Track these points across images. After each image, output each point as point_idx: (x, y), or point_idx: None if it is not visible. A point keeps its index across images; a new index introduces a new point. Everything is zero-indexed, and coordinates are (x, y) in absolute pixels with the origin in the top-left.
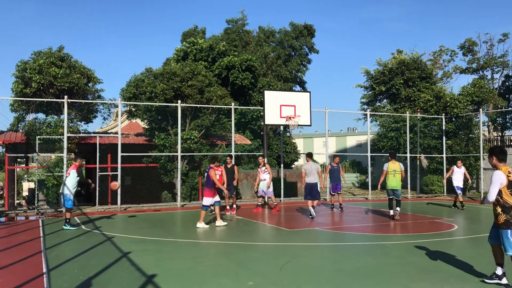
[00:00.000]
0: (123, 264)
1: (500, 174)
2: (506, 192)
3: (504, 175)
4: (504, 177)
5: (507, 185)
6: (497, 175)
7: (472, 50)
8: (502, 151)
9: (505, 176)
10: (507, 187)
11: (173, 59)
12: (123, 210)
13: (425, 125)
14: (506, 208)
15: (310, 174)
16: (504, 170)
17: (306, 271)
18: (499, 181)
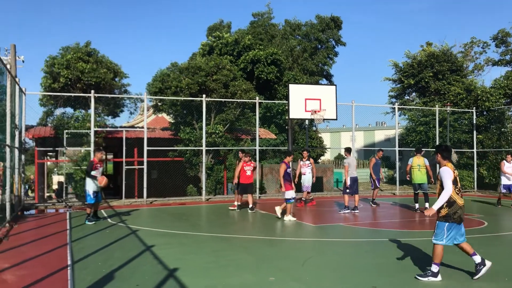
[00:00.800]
0: (146, 258)
1: (448, 169)
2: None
3: (451, 170)
4: (452, 172)
5: (452, 180)
6: (447, 170)
7: (505, 42)
8: (447, 149)
9: (452, 172)
10: (452, 183)
11: (199, 54)
12: (149, 203)
13: (455, 119)
14: (449, 203)
15: (353, 168)
16: (450, 166)
17: (328, 267)
18: (449, 175)
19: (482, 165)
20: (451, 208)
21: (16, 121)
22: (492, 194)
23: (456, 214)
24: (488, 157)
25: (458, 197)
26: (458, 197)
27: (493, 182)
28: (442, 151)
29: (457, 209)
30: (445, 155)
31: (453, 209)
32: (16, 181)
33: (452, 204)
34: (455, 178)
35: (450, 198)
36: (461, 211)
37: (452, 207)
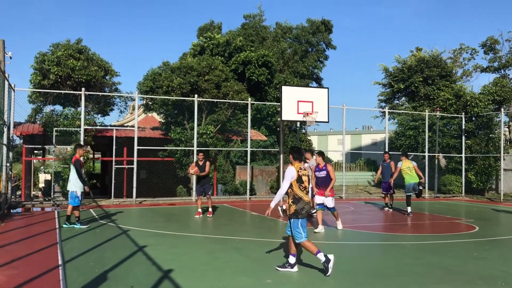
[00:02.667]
0: (139, 258)
1: (292, 169)
2: (296, 185)
3: (295, 170)
4: (295, 172)
5: (297, 178)
6: (290, 170)
7: (494, 49)
8: (298, 151)
9: (296, 171)
10: (297, 181)
11: (189, 54)
12: (138, 203)
13: (444, 124)
14: (296, 200)
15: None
16: (296, 166)
17: (319, 271)
18: (290, 175)
19: (470, 170)
20: (298, 205)
21: (4, 117)
22: (480, 199)
23: (304, 210)
24: (476, 162)
25: (304, 194)
26: (303, 194)
27: (480, 187)
28: (293, 152)
29: (304, 205)
30: (295, 156)
31: (300, 205)
32: (3, 179)
33: (299, 201)
34: (299, 176)
35: (296, 195)
36: (308, 207)
37: (299, 203)
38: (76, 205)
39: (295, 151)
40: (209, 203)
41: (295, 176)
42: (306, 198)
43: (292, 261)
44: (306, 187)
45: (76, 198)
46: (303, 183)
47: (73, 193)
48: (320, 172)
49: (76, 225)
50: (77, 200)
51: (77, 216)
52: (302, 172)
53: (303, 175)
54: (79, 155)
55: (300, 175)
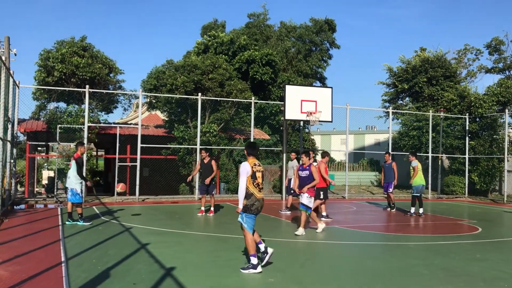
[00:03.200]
0: (141, 256)
1: (246, 165)
2: (249, 181)
3: (249, 166)
4: (249, 167)
5: (251, 174)
6: (244, 165)
7: (498, 49)
8: (251, 146)
9: (250, 167)
10: (251, 177)
11: (193, 52)
12: (141, 201)
13: (448, 124)
14: (247, 195)
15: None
16: (250, 161)
17: (327, 269)
18: (245, 171)
19: (473, 171)
20: (249, 200)
21: (9, 114)
22: (483, 200)
23: (254, 206)
24: (480, 163)
25: (256, 190)
26: (256, 190)
27: (484, 188)
28: (248, 147)
29: (254, 201)
30: (249, 151)
31: (251, 201)
32: (8, 175)
33: (250, 197)
34: (253, 172)
35: (248, 191)
36: (258, 204)
37: (250, 199)
38: (79, 202)
39: (250, 146)
40: (211, 202)
41: (249, 171)
42: (258, 195)
43: (255, 261)
44: (259, 184)
45: (77, 195)
46: (256, 179)
47: (73, 190)
48: (303, 171)
49: (79, 222)
50: (78, 197)
51: (80, 213)
52: (257, 168)
53: (257, 171)
54: (80, 153)
55: (254, 171)
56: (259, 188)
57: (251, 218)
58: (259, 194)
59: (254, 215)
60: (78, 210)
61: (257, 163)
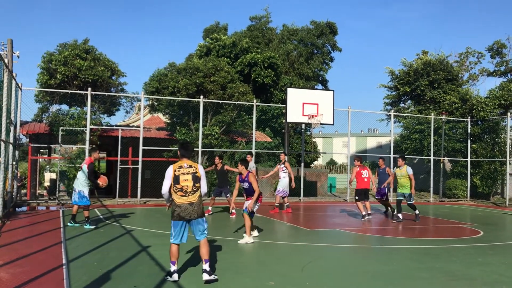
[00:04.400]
0: (142, 258)
1: (170, 168)
2: (172, 186)
3: (172, 169)
4: (172, 171)
5: (172, 178)
6: (168, 169)
7: (500, 53)
8: (185, 146)
9: (173, 170)
10: (173, 181)
11: (195, 55)
12: (143, 203)
13: (450, 127)
14: (171, 200)
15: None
16: (176, 164)
17: (328, 272)
18: (168, 174)
19: (475, 175)
20: (172, 206)
21: (11, 116)
22: (485, 203)
23: (175, 212)
24: (482, 167)
25: (177, 195)
26: (176, 195)
27: (486, 192)
28: (180, 147)
29: (175, 207)
30: (182, 152)
31: (173, 207)
32: (10, 177)
33: (171, 202)
34: (175, 176)
35: (171, 196)
36: (179, 210)
37: (172, 204)
38: (86, 205)
39: (182, 146)
40: (230, 204)
41: (171, 175)
42: (178, 200)
43: (172, 269)
44: (182, 188)
45: (84, 197)
46: (178, 183)
47: (81, 193)
48: (243, 183)
49: (86, 225)
50: (85, 199)
51: (87, 216)
52: (182, 170)
53: (181, 174)
54: (94, 158)
55: (176, 175)
56: (182, 192)
57: (174, 225)
58: (179, 200)
59: (178, 221)
60: (85, 213)
61: (186, 165)
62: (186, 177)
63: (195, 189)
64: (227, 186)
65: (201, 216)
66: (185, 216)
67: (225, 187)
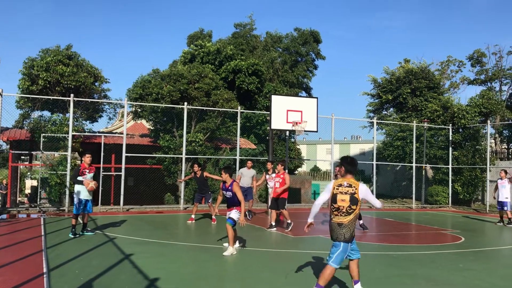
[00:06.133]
0: (125, 266)
1: (330, 183)
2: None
3: (331, 186)
4: (330, 187)
5: (330, 196)
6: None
7: (480, 61)
8: (349, 162)
9: (332, 187)
10: (330, 199)
11: (180, 62)
12: (126, 211)
13: (432, 135)
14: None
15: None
16: (336, 182)
17: (312, 279)
18: (327, 189)
19: (457, 181)
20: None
21: None
22: (466, 209)
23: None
24: (463, 174)
25: (333, 214)
26: (332, 214)
27: (467, 198)
28: (344, 162)
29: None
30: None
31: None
32: None
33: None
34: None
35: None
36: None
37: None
38: (75, 213)
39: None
40: (211, 210)
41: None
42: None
43: None
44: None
45: (75, 206)
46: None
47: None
48: (227, 192)
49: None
50: (74, 208)
51: (73, 225)
52: (340, 189)
53: (339, 193)
54: (85, 163)
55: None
56: (337, 212)
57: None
58: (333, 219)
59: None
60: (73, 221)
61: (346, 183)
62: (344, 197)
63: (350, 211)
64: (208, 192)
65: (347, 241)
66: (332, 235)
67: (206, 193)
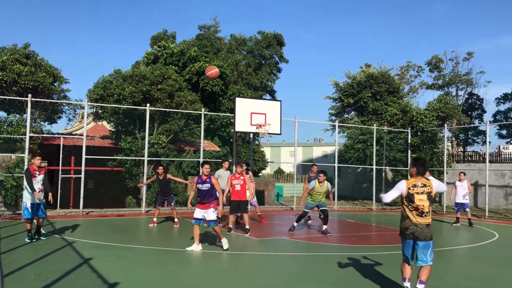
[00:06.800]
0: (83, 271)
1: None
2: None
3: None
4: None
5: (405, 196)
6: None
7: (438, 67)
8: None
9: (406, 187)
10: (406, 199)
11: (143, 62)
12: (85, 214)
13: (391, 138)
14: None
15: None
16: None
17: (275, 281)
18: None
19: None
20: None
21: None
22: None
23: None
24: None
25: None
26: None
27: None
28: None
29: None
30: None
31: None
32: None
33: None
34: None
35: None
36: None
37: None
38: (28, 218)
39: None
40: (173, 213)
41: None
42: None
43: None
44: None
45: (26, 210)
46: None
47: (24, 204)
48: (203, 184)
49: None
50: (27, 212)
51: (28, 229)
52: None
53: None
54: (35, 165)
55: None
56: (418, 212)
57: (405, 244)
58: (417, 219)
59: (409, 240)
60: (27, 226)
61: (420, 183)
62: (422, 196)
63: (430, 210)
64: (171, 194)
65: (431, 239)
66: (420, 237)
67: (169, 196)
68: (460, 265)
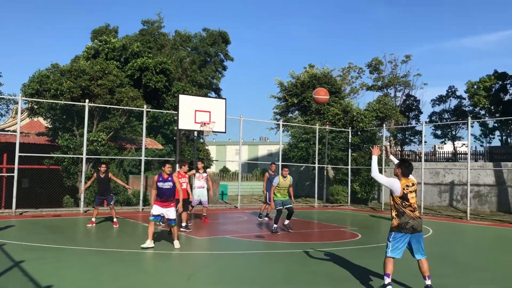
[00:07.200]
0: (14, 274)
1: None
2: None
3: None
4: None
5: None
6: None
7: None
8: (405, 165)
9: (401, 188)
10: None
11: (82, 57)
12: (19, 215)
13: (333, 137)
14: (399, 213)
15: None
16: (402, 182)
17: (214, 280)
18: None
19: (355, 181)
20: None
21: None
22: (364, 208)
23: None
24: (361, 174)
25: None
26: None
27: (364, 197)
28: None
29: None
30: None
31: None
32: None
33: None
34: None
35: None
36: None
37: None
38: None
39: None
40: (113, 213)
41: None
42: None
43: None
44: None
45: None
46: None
47: None
48: (165, 183)
49: None
50: None
51: None
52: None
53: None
54: None
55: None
56: (411, 208)
57: (400, 237)
58: (412, 214)
59: (405, 234)
60: None
61: (411, 184)
62: (412, 195)
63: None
64: (110, 194)
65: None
66: (418, 228)
67: (108, 195)
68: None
